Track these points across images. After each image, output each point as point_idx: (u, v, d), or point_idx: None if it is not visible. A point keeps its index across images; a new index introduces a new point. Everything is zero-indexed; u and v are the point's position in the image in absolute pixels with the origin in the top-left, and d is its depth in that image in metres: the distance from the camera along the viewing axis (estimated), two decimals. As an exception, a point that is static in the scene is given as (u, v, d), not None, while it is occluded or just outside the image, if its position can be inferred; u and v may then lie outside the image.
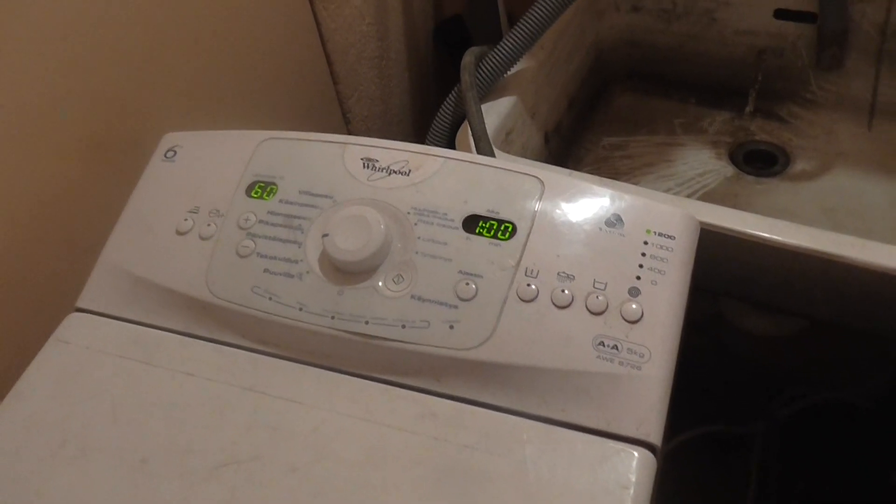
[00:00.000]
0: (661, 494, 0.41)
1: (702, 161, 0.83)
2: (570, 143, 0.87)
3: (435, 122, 0.72)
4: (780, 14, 0.81)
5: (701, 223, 0.47)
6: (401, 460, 0.41)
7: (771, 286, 0.65)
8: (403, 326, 0.44)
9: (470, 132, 0.64)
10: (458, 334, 0.43)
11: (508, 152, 0.67)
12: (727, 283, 0.66)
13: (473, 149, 0.63)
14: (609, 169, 0.84)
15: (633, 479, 0.38)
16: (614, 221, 0.45)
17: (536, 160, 0.69)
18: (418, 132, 0.98)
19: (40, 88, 0.51)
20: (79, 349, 0.49)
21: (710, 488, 0.89)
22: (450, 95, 0.72)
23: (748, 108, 0.86)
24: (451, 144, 0.71)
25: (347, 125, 0.85)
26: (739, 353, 0.93)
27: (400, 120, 0.94)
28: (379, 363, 0.44)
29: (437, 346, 0.43)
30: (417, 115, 0.97)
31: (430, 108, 0.99)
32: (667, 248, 0.44)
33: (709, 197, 0.79)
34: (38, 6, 0.49)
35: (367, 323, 0.44)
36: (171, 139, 0.55)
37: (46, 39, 0.50)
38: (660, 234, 0.44)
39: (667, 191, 0.80)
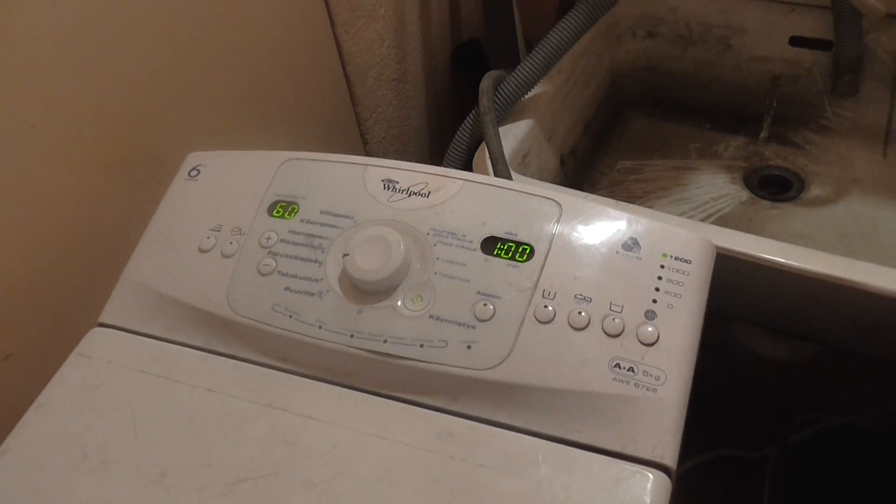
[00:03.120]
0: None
1: (717, 185, 0.84)
2: (586, 167, 0.87)
3: (453, 144, 0.73)
4: (796, 41, 0.82)
5: (716, 247, 0.47)
6: (417, 478, 0.41)
7: (784, 311, 0.65)
8: (421, 346, 0.44)
9: (487, 154, 0.65)
10: (476, 354, 0.43)
11: (525, 175, 0.68)
12: (741, 308, 0.66)
13: (491, 171, 0.64)
14: (624, 192, 0.84)
15: (649, 500, 0.39)
16: (631, 245, 0.45)
17: (552, 183, 0.69)
18: (434, 154, 0.99)
19: (68, 107, 0.52)
20: (101, 363, 0.49)
21: (722, 513, 0.89)
22: (467, 118, 0.73)
23: (763, 134, 0.87)
24: (468, 166, 0.72)
25: (365, 146, 0.86)
26: (752, 378, 0.93)
27: (417, 141, 0.95)
28: (397, 382, 0.45)
29: (454, 366, 0.43)
30: (434, 137, 0.98)
31: (446, 130, 1.00)
32: (683, 273, 0.44)
33: (723, 221, 0.79)
34: (66, 28, 0.50)
35: (385, 342, 0.45)
36: (195, 158, 0.56)
37: (74, 59, 0.51)
38: (676, 259, 0.45)
39: (681, 215, 0.80)
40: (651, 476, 0.39)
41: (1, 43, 0.46)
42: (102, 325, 0.52)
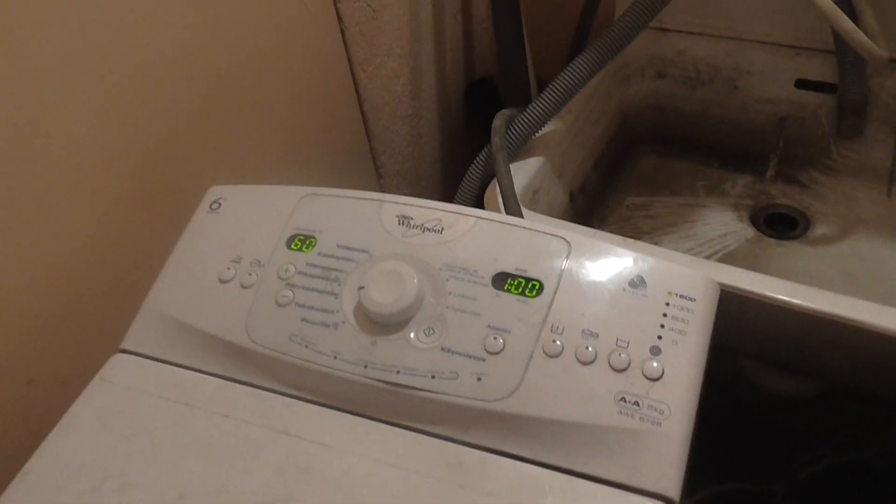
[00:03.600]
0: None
1: (723, 223, 0.85)
2: (595, 203, 0.89)
3: (465, 180, 0.75)
4: (801, 84, 0.84)
5: (721, 285, 0.49)
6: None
7: (790, 348, 0.66)
8: (433, 377, 0.46)
9: (499, 191, 0.67)
10: (486, 386, 0.45)
11: (535, 210, 0.70)
12: (748, 344, 0.67)
13: (502, 207, 0.66)
14: (632, 228, 0.86)
15: (652, 532, 0.40)
16: (637, 283, 0.47)
17: (562, 218, 0.71)
18: (447, 188, 1.01)
19: (97, 143, 0.54)
20: (122, 389, 0.51)
21: (729, 549, 0.89)
22: (479, 155, 0.75)
23: (769, 173, 0.89)
24: (479, 202, 0.74)
25: (380, 179, 0.89)
26: (760, 413, 0.93)
27: (429, 175, 0.97)
28: (408, 411, 0.46)
29: (464, 397, 0.45)
30: (447, 172, 1.01)
31: (459, 164, 1.02)
32: (687, 310, 0.46)
33: (729, 258, 0.80)
34: (95, 68, 0.52)
35: (398, 373, 0.46)
36: (216, 192, 0.58)
37: (103, 97, 0.54)
38: (681, 296, 0.46)
39: (688, 251, 0.81)
40: (655, 508, 0.41)
41: (33, 81, 0.49)
42: (124, 351, 0.53)
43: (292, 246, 0.52)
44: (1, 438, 0.53)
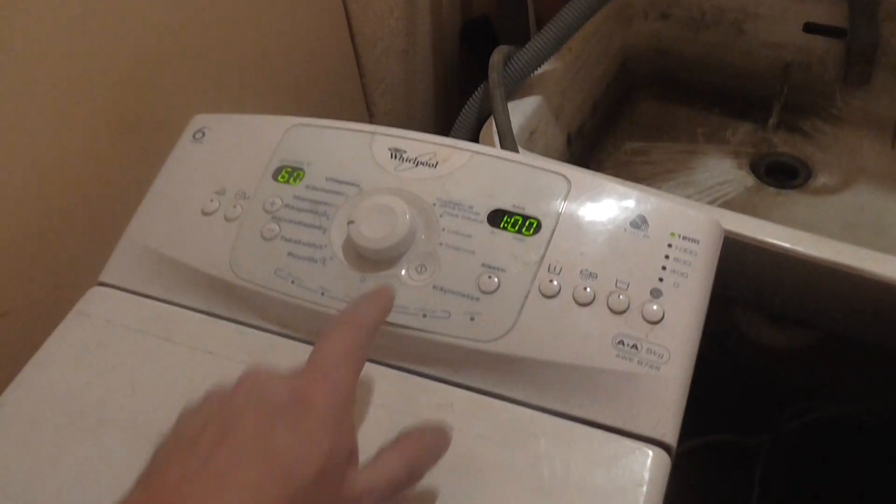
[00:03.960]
0: (665, 500, 0.41)
1: (723, 170, 0.83)
2: (593, 146, 0.87)
3: (460, 117, 0.72)
4: (810, 28, 0.81)
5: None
6: (416, 448, 0.41)
7: (788, 297, 0.65)
8: (424, 316, 0.44)
9: (495, 129, 0.65)
10: (479, 326, 0.43)
11: (531, 151, 0.68)
12: (742, 292, 0.66)
13: (498, 145, 0.64)
14: (629, 174, 0.84)
15: (648, 477, 0.39)
16: (639, 223, 0.45)
17: (558, 160, 0.69)
18: (440, 128, 0.98)
19: (74, 67, 0.51)
20: (100, 322, 0.49)
21: (713, 498, 0.89)
22: (476, 92, 0.73)
23: (772, 121, 0.86)
24: (474, 140, 0.71)
25: (371, 118, 0.86)
26: (749, 364, 0.93)
27: (422, 115, 0.94)
28: (398, 351, 0.44)
29: (457, 337, 0.43)
30: (439, 111, 0.98)
31: (452, 105, 0.99)
32: (690, 252, 0.44)
33: (728, 206, 0.78)
34: (77, -18, 0.49)
35: (388, 310, 0.44)
36: (200, 121, 0.56)
37: (82, 19, 0.51)
38: (684, 238, 0.44)
39: (686, 198, 0.80)
40: (651, 453, 0.39)
41: (8, 3, 0.45)
42: (102, 284, 0.51)
43: (279, 178, 0.50)
44: (-27, 371, 0.51)
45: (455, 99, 1.00)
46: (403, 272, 0.45)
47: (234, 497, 0.30)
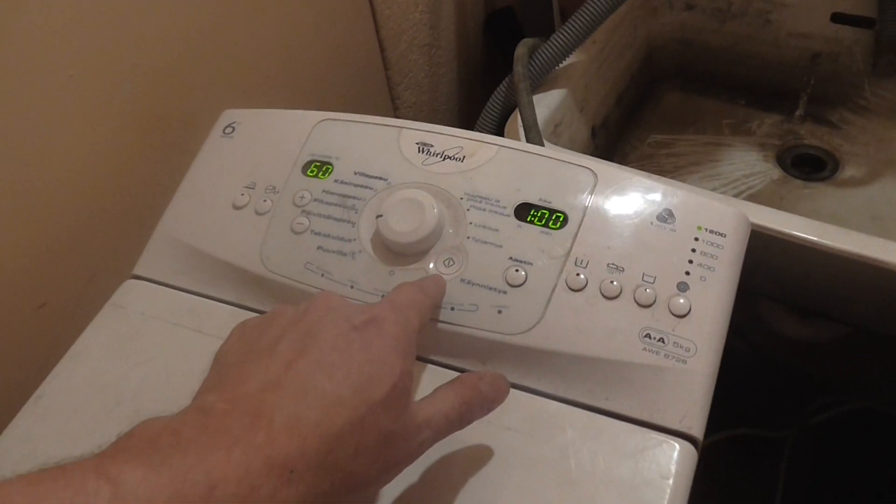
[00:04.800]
0: (690, 492, 0.41)
1: (749, 163, 0.83)
2: (617, 139, 0.87)
3: (485, 110, 0.73)
4: (837, 18, 0.81)
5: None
6: (444, 440, 0.41)
7: (813, 290, 0.64)
8: (452, 309, 0.44)
9: (520, 122, 0.65)
10: (506, 319, 0.44)
11: (556, 144, 0.68)
12: (768, 285, 0.66)
13: (523, 138, 0.64)
14: (654, 166, 0.84)
15: (674, 469, 0.39)
16: (666, 216, 0.45)
17: (583, 153, 0.69)
18: (464, 121, 0.99)
19: (107, 62, 0.52)
20: (135, 314, 0.50)
21: (738, 490, 0.89)
22: (500, 85, 0.73)
23: (798, 112, 0.86)
24: (499, 133, 0.71)
25: (395, 111, 0.86)
26: (775, 357, 0.92)
27: (447, 108, 0.95)
28: (426, 344, 0.45)
29: (484, 330, 0.44)
30: (464, 104, 0.98)
31: (476, 98, 1.00)
32: (717, 246, 0.44)
33: (754, 199, 0.78)
34: (110, -20, 0.50)
35: (416, 303, 0.45)
36: (230, 115, 0.56)
37: (114, 14, 0.51)
38: (711, 232, 0.44)
39: (712, 191, 0.79)
40: (678, 446, 0.40)
41: (44, 4, 0.46)
42: (136, 277, 0.52)
43: (308, 172, 0.51)
44: (13, 362, 0.52)
45: (479, 91, 1.01)
46: (431, 265, 0.46)
47: (316, 406, 0.30)
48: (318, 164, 0.51)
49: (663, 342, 0.42)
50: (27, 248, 0.51)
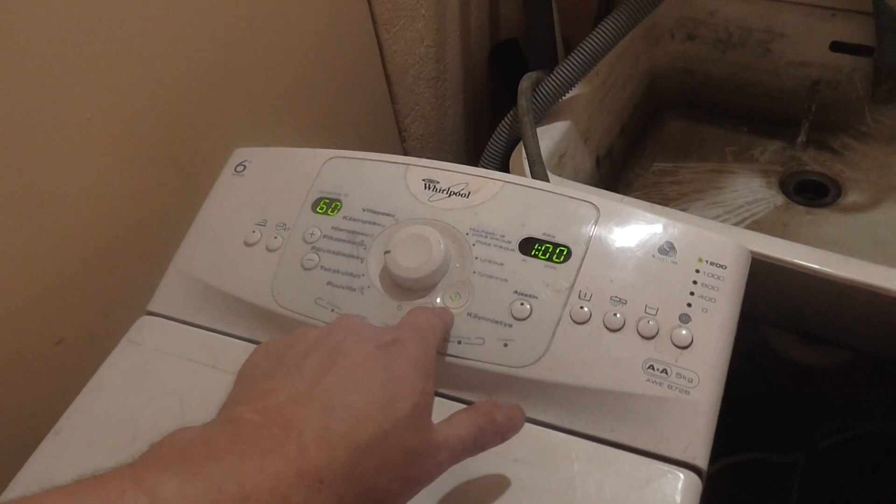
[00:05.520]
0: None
1: (752, 189, 0.84)
2: (621, 168, 0.88)
3: (490, 143, 0.74)
4: (837, 47, 0.82)
5: (751, 252, 0.48)
6: (453, 471, 0.42)
7: (817, 317, 0.65)
8: (459, 342, 0.45)
9: (525, 155, 0.66)
10: (512, 352, 0.45)
11: (561, 175, 0.69)
12: (773, 312, 0.67)
13: (527, 171, 0.65)
14: (658, 194, 0.85)
15: (679, 500, 0.40)
16: (667, 249, 0.46)
17: (587, 184, 0.70)
18: (471, 151, 1.00)
19: (123, 103, 0.54)
20: (150, 350, 0.51)
21: (748, 516, 0.89)
22: (505, 118, 0.74)
23: (800, 139, 0.87)
24: (504, 166, 0.73)
25: (403, 143, 0.88)
26: (782, 382, 0.93)
27: (453, 139, 0.96)
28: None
29: (491, 363, 0.45)
30: (470, 135, 1.00)
31: (482, 129, 1.01)
32: (718, 277, 0.45)
33: (758, 225, 0.79)
34: (122, 26, 0.52)
35: (424, 337, 0.46)
36: (241, 154, 0.58)
37: (130, 57, 0.53)
38: (711, 264, 0.45)
39: (716, 218, 0.80)
40: (682, 476, 0.40)
41: (62, 41, 0.48)
42: (151, 313, 0.53)
43: (318, 209, 0.52)
44: (31, 396, 0.54)
45: (485, 121, 1.02)
46: (439, 300, 0.47)
47: (343, 419, 0.31)
48: (327, 201, 0.52)
49: (666, 373, 0.43)
50: (46, 285, 0.53)
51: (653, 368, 0.43)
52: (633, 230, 0.47)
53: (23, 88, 0.47)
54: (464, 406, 0.45)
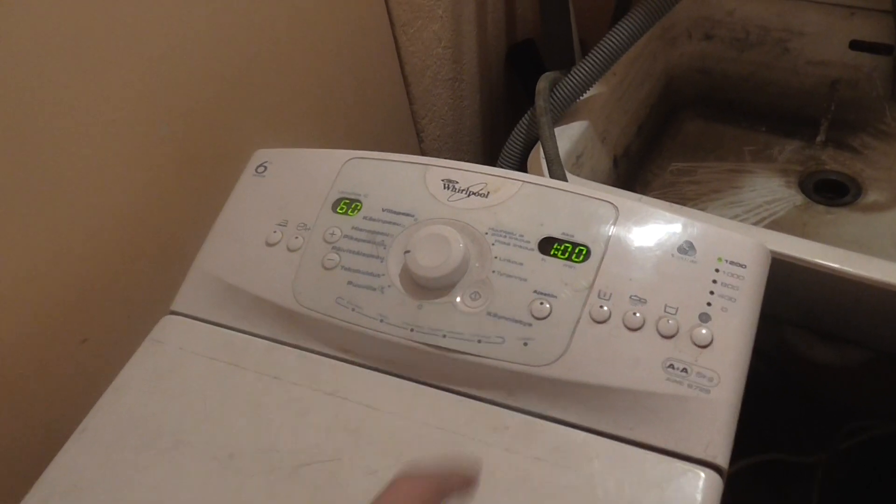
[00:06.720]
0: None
1: (771, 189, 0.83)
2: (638, 168, 0.88)
3: (508, 143, 0.74)
4: (856, 45, 0.81)
5: (771, 252, 0.48)
6: (473, 469, 0.43)
7: (838, 316, 0.65)
8: (479, 341, 0.46)
9: (542, 155, 0.66)
10: (532, 351, 0.45)
11: (578, 175, 0.69)
12: (794, 312, 0.66)
13: (545, 171, 0.65)
14: (676, 194, 0.85)
15: (700, 498, 0.40)
16: (686, 248, 0.46)
17: (605, 184, 0.70)
18: (488, 152, 1.00)
19: (145, 106, 0.55)
20: (173, 349, 0.52)
21: (768, 517, 0.89)
22: (522, 119, 0.74)
23: (820, 138, 0.86)
24: (522, 166, 0.73)
25: (420, 144, 0.88)
26: (803, 382, 0.92)
27: (470, 140, 0.96)
28: (455, 375, 0.46)
29: (511, 362, 0.45)
30: (487, 135, 1.00)
31: (499, 129, 1.01)
32: (738, 277, 0.45)
33: (777, 225, 0.79)
34: (145, 31, 0.53)
35: (444, 336, 0.46)
36: (261, 155, 0.58)
37: (151, 61, 0.54)
38: (731, 263, 0.45)
39: (734, 217, 0.80)
40: (703, 474, 0.40)
41: (85, 46, 0.49)
42: (174, 312, 0.54)
43: (338, 209, 0.53)
44: (58, 396, 0.54)
45: (502, 122, 1.03)
46: (458, 299, 0.47)
47: None
48: (347, 201, 0.53)
49: (686, 372, 0.43)
50: (70, 286, 0.53)
51: (673, 367, 0.43)
52: (652, 229, 0.47)
53: (47, 93, 0.47)
54: (484, 405, 0.45)
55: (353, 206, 0.52)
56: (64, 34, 0.47)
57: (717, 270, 0.45)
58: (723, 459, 0.41)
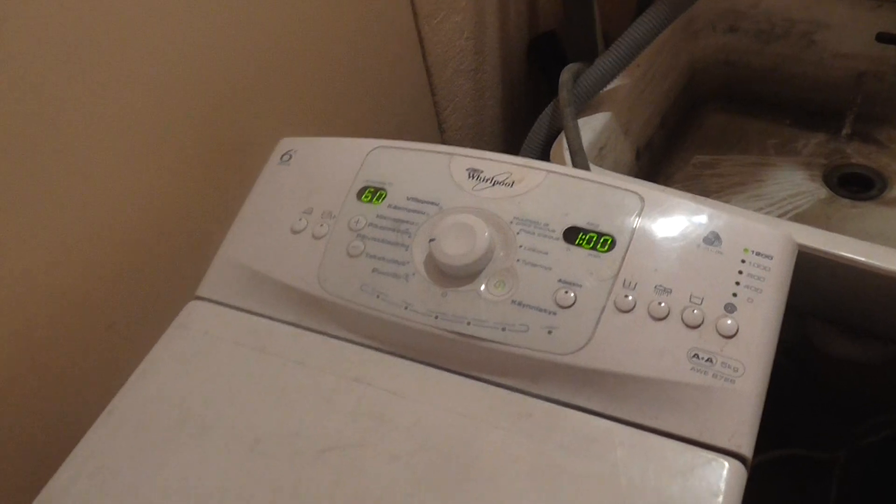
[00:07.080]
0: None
1: (795, 182, 0.83)
2: (661, 160, 0.87)
3: (531, 134, 0.74)
4: (882, 38, 0.81)
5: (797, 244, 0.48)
6: (497, 456, 0.43)
7: (863, 311, 0.64)
8: (503, 329, 0.46)
9: (566, 146, 0.66)
10: (556, 340, 0.45)
11: (601, 167, 0.69)
12: (817, 305, 0.66)
13: (569, 162, 0.65)
14: (699, 187, 0.84)
15: (724, 487, 0.40)
16: (712, 239, 0.46)
17: (627, 175, 0.70)
18: (509, 143, 1.00)
19: (172, 95, 0.55)
20: (198, 334, 0.52)
21: (788, 512, 0.89)
22: (545, 110, 0.74)
23: (845, 131, 0.86)
24: (545, 156, 0.73)
25: (442, 134, 0.88)
26: (825, 377, 0.91)
27: (492, 131, 0.96)
28: (479, 363, 0.46)
29: (535, 350, 0.45)
30: (509, 127, 1.00)
31: (521, 120, 1.01)
32: (764, 268, 0.45)
33: (801, 219, 0.78)
34: (174, 25, 0.53)
35: (468, 324, 0.47)
36: (287, 144, 0.59)
37: (178, 50, 0.54)
38: (757, 254, 0.45)
39: (757, 210, 0.80)
40: (727, 464, 0.40)
41: (114, 36, 0.49)
42: (200, 298, 0.55)
43: (363, 198, 0.53)
44: (86, 379, 0.55)
45: (523, 113, 1.02)
46: (483, 287, 0.47)
47: None
48: (372, 189, 0.53)
49: (711, 362, 0.43)
50: (98, 271, 0.54)
51: (698, 357, 0.43)
52: (677, 220, 0.47)
53: (79, 85, 0.48)
54: (508, 392, 0.46)
55: (377, 194, 0.53)
56: (81, 21, 0.48)
57: (743, 261, 0.45)
58: (747, 449, 0.41)
